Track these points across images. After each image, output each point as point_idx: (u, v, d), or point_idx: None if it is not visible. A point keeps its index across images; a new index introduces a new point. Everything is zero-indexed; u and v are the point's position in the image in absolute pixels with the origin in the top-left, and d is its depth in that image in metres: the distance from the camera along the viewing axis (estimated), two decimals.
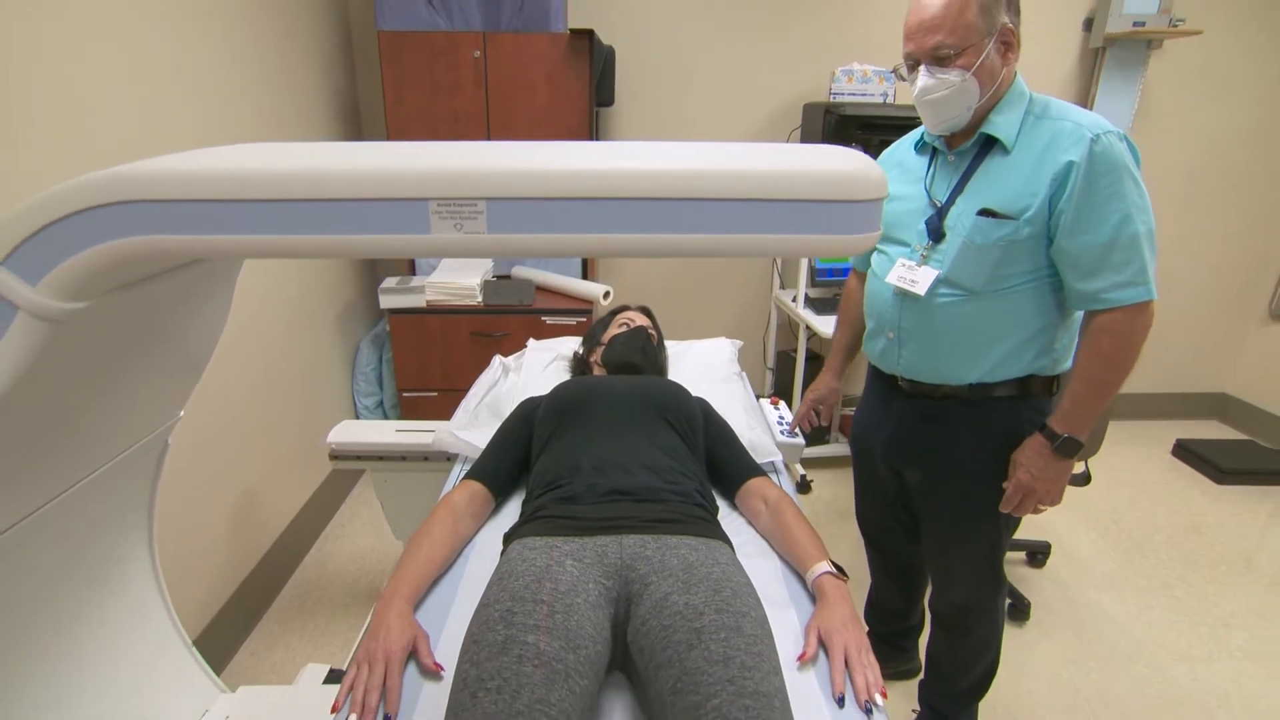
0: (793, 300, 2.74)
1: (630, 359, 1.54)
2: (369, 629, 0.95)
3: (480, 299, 2.46)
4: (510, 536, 1.09)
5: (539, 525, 1.05)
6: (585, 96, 2.42)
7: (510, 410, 1.42)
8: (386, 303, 2.44)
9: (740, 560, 1.05)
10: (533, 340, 2.01)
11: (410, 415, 2.59)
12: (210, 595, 1.78)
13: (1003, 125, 1.14)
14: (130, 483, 1.08)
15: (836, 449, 2.86)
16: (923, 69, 1.12)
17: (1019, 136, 1.13)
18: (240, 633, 1.90)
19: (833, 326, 1.68)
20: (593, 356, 1.65)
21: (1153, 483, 2.83)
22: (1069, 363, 1.24)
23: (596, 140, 2.65)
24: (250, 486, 1.97)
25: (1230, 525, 2.53)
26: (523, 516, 1.14)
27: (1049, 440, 1.17)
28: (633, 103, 2.81)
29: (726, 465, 1.32)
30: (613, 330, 1.67)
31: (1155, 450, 3.08)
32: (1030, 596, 2.07)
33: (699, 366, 1.83)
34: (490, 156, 0.61)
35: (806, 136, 2.76)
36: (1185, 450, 3.00)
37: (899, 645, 1.77)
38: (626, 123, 2.85)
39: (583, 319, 2.46)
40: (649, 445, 1.22)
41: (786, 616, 1.03)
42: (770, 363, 3.14)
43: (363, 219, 0.58)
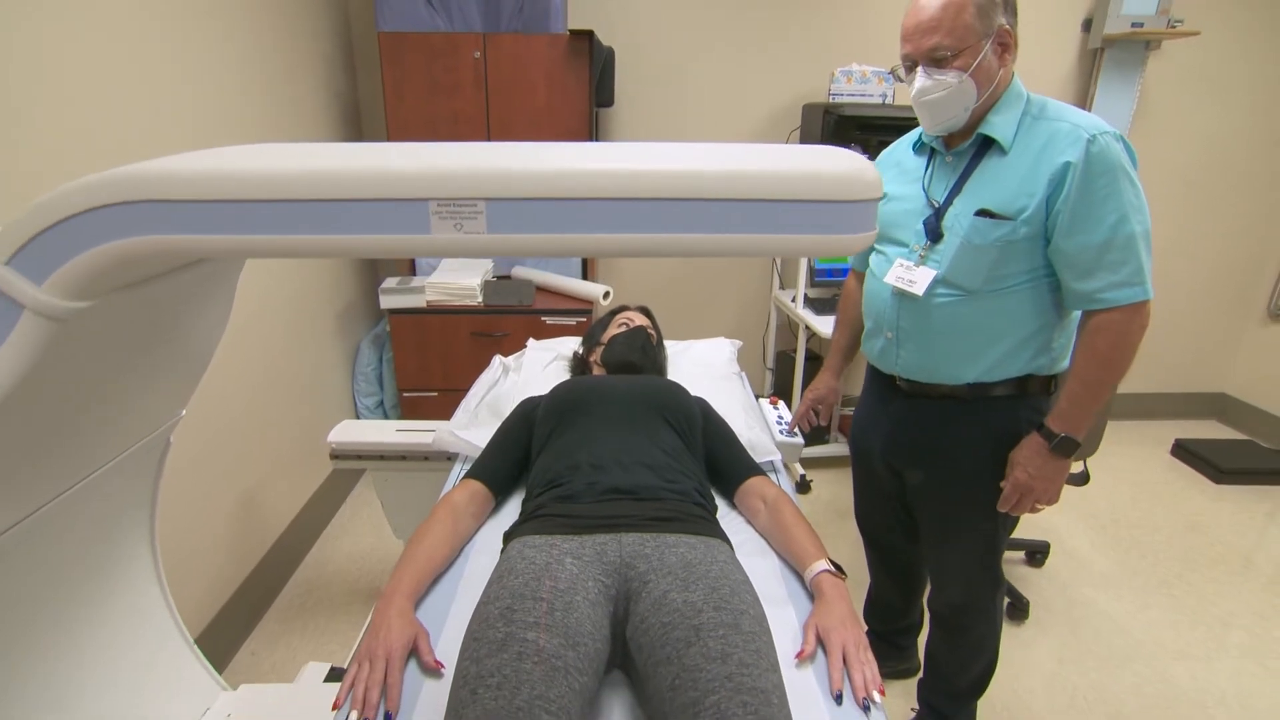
0: (792, 300, 2.74)
1: (630, 358, 1.54)
2: (370, 627, 0.95)
3: (480, 299, 2.47)
4: (510, 535, 1.09)
5: (539, 524, 1.06)
6: (585, 97, 2.43)
7: (510, 410, 1.42)
8: (387, 303, 2.45)
9: (739, 559, 1.06)
10: (533, 340, 2.01)
11: (410, 415, 2.60)
12: (211, 595, 1.78)
13: (1000, 126, 1.14)
14: (132, 481, 1.09)
15: (836, 449, 2.86)
16: (920, 70, 1.13)
17: (1016, 137, 1.14)
18: (241, 632, 1.91)
19: (832, 326, 1.69)
20: (592, 356, 1.65)
21: (1152, 482, 2.83)
22: (1066, 362, 1.25)
23: (596, 141, 2.65)
24: (251, 486, 1.97)
25: (1229, 525, 2.53)
26: (522, 515, 1.14)
27: (1046, 439, 1.18)
28: (632, 103, 2.81)
29: (725, 464, 1.33)
30: (612, 330, 1.68)
31: (1154, 450, 3.09)
32: (1029, 596, 2.07)
33: (698, 366, 1.84)
34: (490, 157, 0.62)
35: (806, 137, 2.77)
36: (1184, 450, 3.01)
37: (898, 644, 1.77)
38: (626, 123, 2.86)
39: (583, 319, 2.46)
40: (648, 444, 1.22)
41: (785, 614, 1.03)
42: (770, 363, 3.15)
43: (364, 219, 0.59)
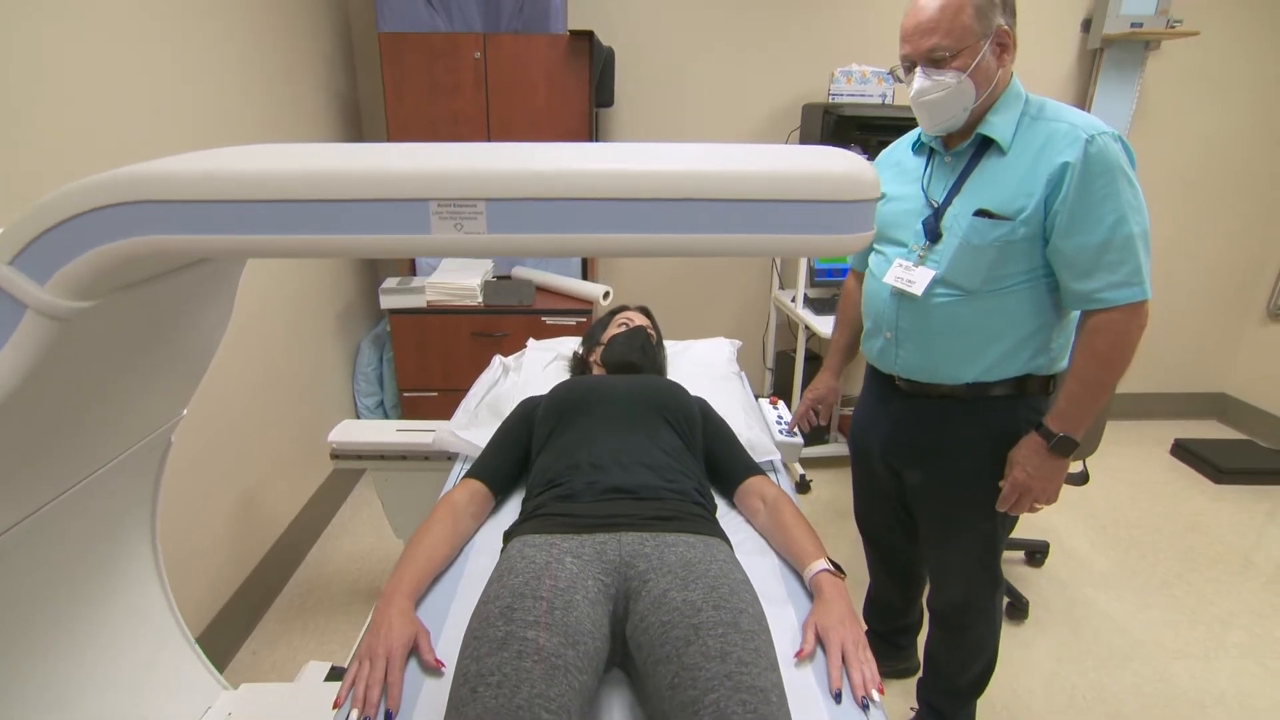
0: (792, 300, 2.75)
1: (629, 358, 1.55)
2: (370, 626, 0.95)
3: (480, 299, 2.47)
4: (510, 534, 1.09)
5: (539, 523, 1.06)
6: (585, 97, 2.43)
7: (510, 410, 1.43)
8: (387, 303, 2.45)
9: (739, 558, 1.06)
10: (533, 340, 2.01)
11: (411, 415, 2.60)
12: (211, 594, 1.79)
13: (999, 126, 1.15)
14: (133, 481, 1.09)
15: (835, 449, 2.87)
16: (919, 71, 1.13)
17: (1015, 137, 1.14)
18: (242, 631, 1.91)
19: (831, 327, 1.69)
20: (592, 356, 1.66)
21: (1151, 482, 2.83)
22: (1065, 362, 1.25)
23: (596, 141, 2.66)
24: (251, 486, 1.97)
25: (1228, 525, 2.54)
26: (522, 514, 1.14)
27: (1045, 439, 1.18)
28: (632, 104, 2.82)
29: (725, 464, 1.33)
30: (612, 330, 1.68)
31: (1154, 450, 3.09)
32: (1029, 595, 2.08)
33: (698, 366, 1.84)
34: (490, 157, 0.62)
35: (805, 137, 2.77)
36: (1184, 450, 3.01)
37: (897, 644, 1.77)
38: (626, 124, 2.86)
39: (582, 319, 2.47)
40: (648, 444, 1.22)
41: (784, 614, 1.04)
42: (769, 363, 3.15)
43: (365, 219, 0.59)
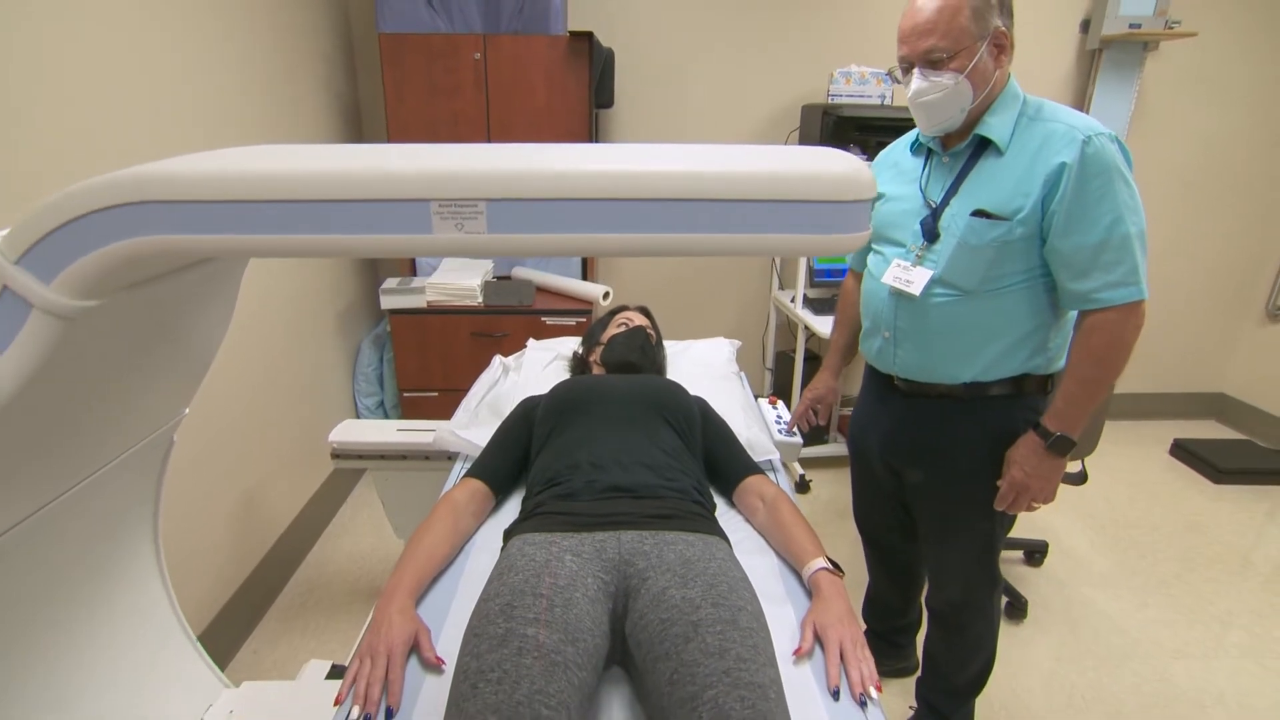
0: (791, 301, 2.75)
1: (629, 358, 1.55)
2: (371, 624, 0.96)
3: (481, 299, 2.48)
4: (510, 533, 1.10)
5: (538, 521, 1.07)
6: (585, 98, 2.44)
7: (510, 409, 1.43)
8: (387, 303, 2.46)
9: (738, 557, 1.07)
10: (533, 340, 2.02)
11: (411, 415, 2.60)
12: (212, 594, 1.79)
13: (996, 127, 1.15)
14: (136, 479, 1.10)
15: (835, 449, 2.87)
16: (916, 72, 1.14)
17: (1012, 138, 1.15)
18: (243, 631, 1.91)
19: (830, 327, 1.70)
20: (592, 356, 1.66)
21: (1150, 482, 2.84)
22: (1062, 362, 1.26)
23: (596, 142, 2.66)
24: (252, 486, 1.98)
25: (1227, 524, 2.54)
26: (522, 513, 1.15)
27: (1042, 438, 1.19)
28: (632, 104, 2.82)
29: (724, 463, 1.33)
30: (611, 330, 1.68)
31: (1153, 450, 3.09)
32: (1027, 595, 2.08)
33: (698, 366, 1.84)
34: (490, 158, 0.63)
35: (805, 138, 2.77)
36: (1183, 450, 3.01)
37: (896, 643, 1.78)
38: (626, 124, 2.87)
39: (582, 319, 2.47)
40: (647, 443, 1.23)
41: (783, 612, 1.04)
42: (769, 363, 3.15)
43: (366, 219, 0.60)
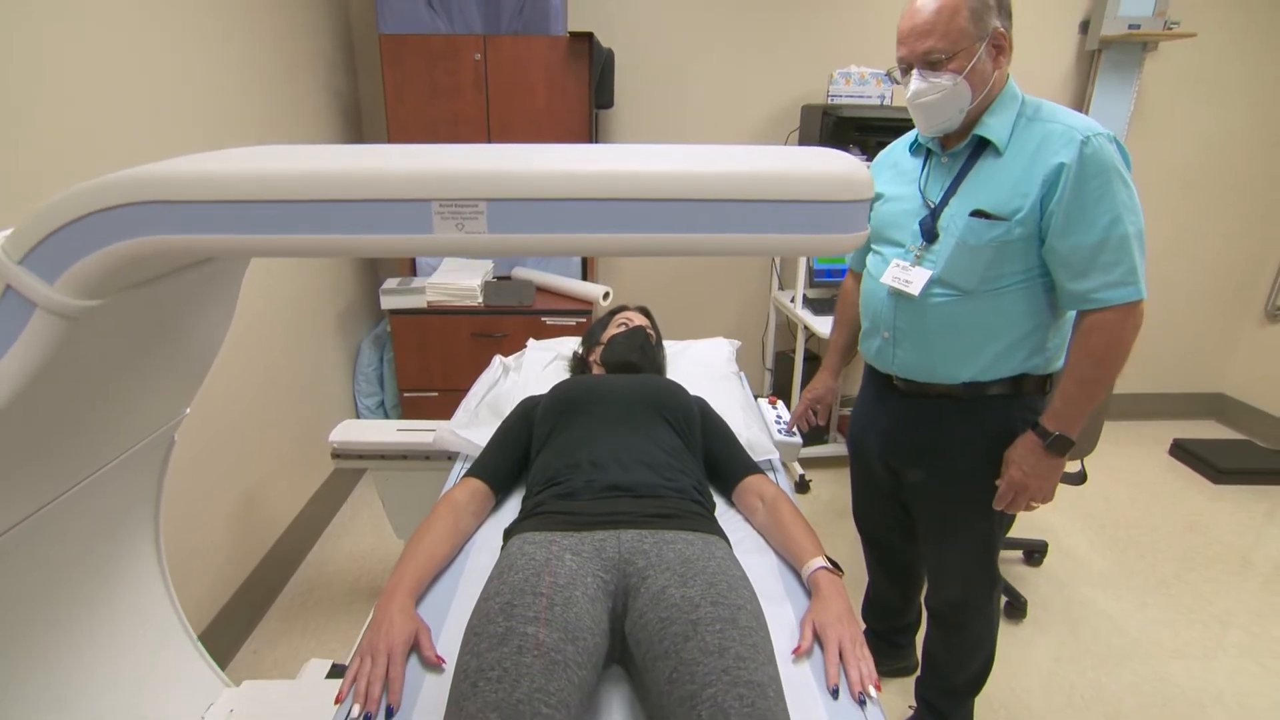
0: (791, 301, 2.76)
1: (629, 358, 1.55)
2: (372, 623, 0.96)
3: (481, 300, 2.48)
4: (510, 532, 1.10)
5: (538, 521, 1.07)
6: (585, 99, 2.44)
7: (510, 409, 1.44)
8: (388, 303, 2.46)
9: (737, 556, 1.07)
10: (533, 340, 2.02)
11: (411, 415, 2.61)
12: (213, 594, 1.79)
13: (995, 127, 1.16)
14: (137, 478, 1.10)
15: (835, 449, 2.87)
16: (915, 73, 1.14)
17: (1011, 139, 1.15)
18: (243, 631, 1.92)
19: (830, 327, 1.70)
20: (592, 356, 1.67)
21: (1150, 482, 2.84)
22: (1061, 362, 1.26)
23: (596, 142, 2.67)
24: (252, 486, 1.98)
25: (1227, 524, 2.54)
26: (522, 512, 1.15)
27: (1041, 438, 1.19)
28: (632, 105, 2.83)
29: (724, 463, 1.34)
30: (611, 330, 1.69)
31: (1153, 450, 3.10)
32: (1027, 595, 2.08)
33: (697, 366, 1.85)
34: (491, 158, 0.63)
35: (805, 138, 2.78)
36: (1182, 450, 3.02)
37: (896, 642, 1.78)
38: (626, 125, 2.87)
39: (582, 319, 2.48)
40: (647, 442, 1.23)
41: (782, 611, 1.04)
42: (769, 363, 3.16)
43: (368, 219, 0.60)
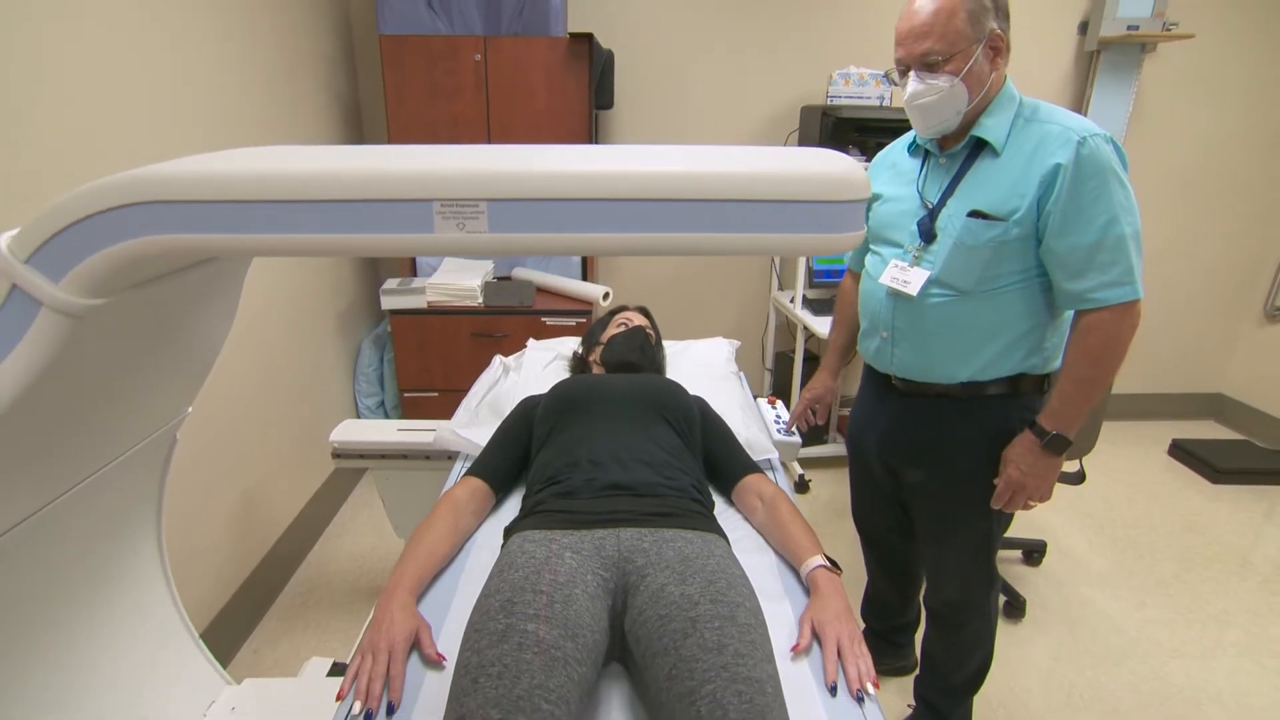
0: (790, 301, 2.76)
1: (628, 358, 1.56)
2: (373, 621, 0.97)
3: (481, 300, 2.49)
4: (510, 530, 1.11)
5: (538, 519, 1.07)
6: (585, 100, 2.45)
7: (510, 409, 1.44)
8: (388, 304, 2.47)
9: (736, 555, 1.07)
10: (533, 340, 2.03)
11: (411, 415, 2.61)
12: (213, 593, 1.80)
13: (993, 128, 1.16)
14: (140, 477, 1.10)
15: (834, 449, 2.88)
16: (912, 74, 1.15)
17: (1008, 139, 1.16)
18: (243, 630, 1.92)
19: (829, 327, 1.71)
20: (592, 356, 1.67)
21: (1149, 482, 2.85)
22: (1059, 362, 1.26)
23: (595, 143, 2.67)
24: (252, 486, 1.99)
25: (1225, 524, 2.55)
26: (522, 511, 1.16)
27: (1038, 437, 1.20)
28: (632, 105, 2.83)
29: (723, 462, 1.34)
30: (611, 330, 1.69)
31: (1151, 450, 3.10)
32: (1026, 594, 2.09)
33: (697, 366, 1.85)
34: (491, 159, 0.64)
35: (804, 139, 2.78)
36: (1181, 450, 3.02)
37: (895, 642, 1.79)
38: (626, 126, 2.88)
39: (582, 320, 2.48)
40: (647, 441, 1.24)
41: (781, 609, 1.05)
42: (769, 363, 3.16)
43: (371, 219, 0.61)
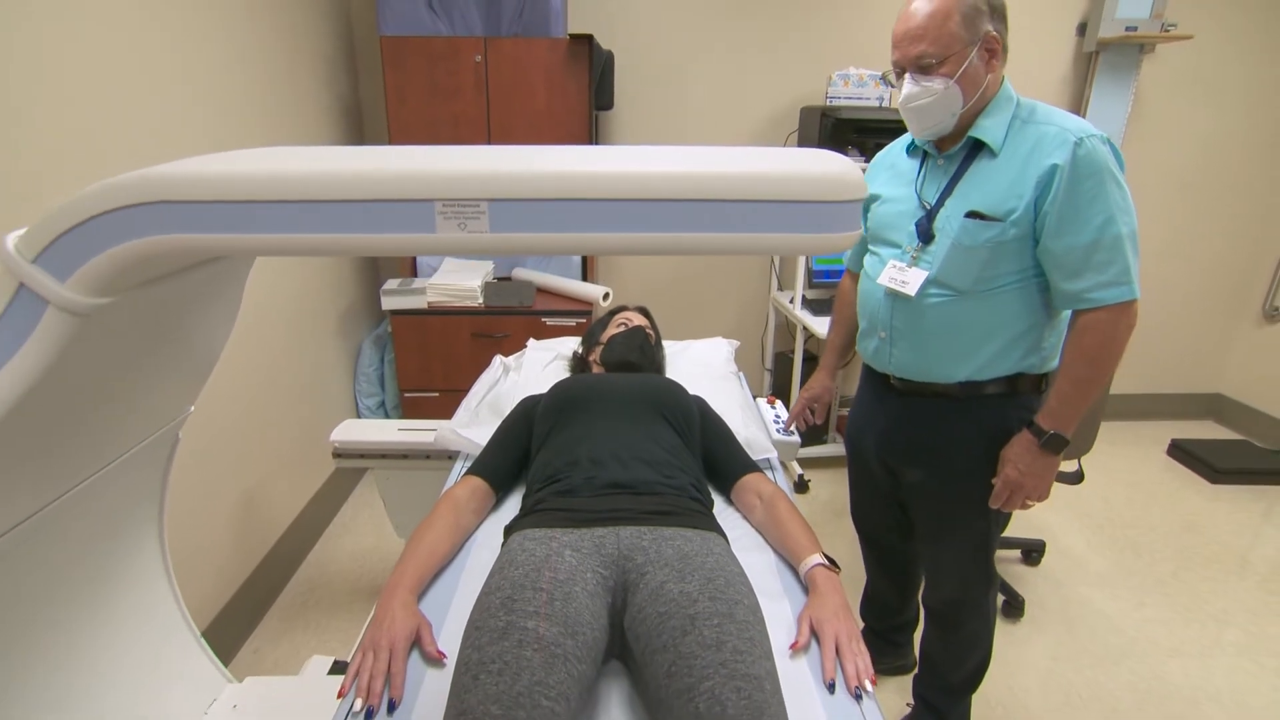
0: (790, 301, 2.77)
1: (628, 357, 1.57)
2: (374, 619, 0.97)
3: (481, 300, 2.49)
4: (510, 529, 1.11)
5: (538, 517, 1.08)
6: (585, 100, 2.46)
7: (511, 408, 1.45)
8: (388, 304, 2.47)
9: (735, 553, 1.08)
10: (533, 340, 2.03)
11: (412, 415, 2.62)
12: (214, 592, 1.80)
13: (990, 130, 1.17)
14: (142, 476, 1.11)
15: (834, 449, 2.88)
16: (908, 76, 1.15)
17: (1006, 140, 1.16)
18: (244, 629, 1.93)
19: (828, 327, 1.71)
20: (592, 355, 1.68)
21: (1148, 482, 2.85)
22: (1056, 361, 1.27)
23: (595, 144, 2.68)
24: (253, 485, 1.99)
25: (1224, 524, 2.55)
26: (523, 510, 1.16)
27: (1036, 436, 1.20)
28: (632, 106, 2.84)
29: (722, 461, 1.35)
30: (611, 330, 1.70)
31: (1150, 450, 3.11)
32: (1024, 593, 2.09)
33: (697, 366, 1.86)
34: (493, 159, 0.65)
35: (803, 140, 2.79)
36: (1180, 450, 3.03)
37: (894, 641, 1.79)
38: (626, 126, 2.89)
39: (582, 320, 2.49)
40: (646, 440, 1.24)
41: (780, 607, 1.06)
42: (768, 363, 3.17)
43: (372, 219, 0.61)
